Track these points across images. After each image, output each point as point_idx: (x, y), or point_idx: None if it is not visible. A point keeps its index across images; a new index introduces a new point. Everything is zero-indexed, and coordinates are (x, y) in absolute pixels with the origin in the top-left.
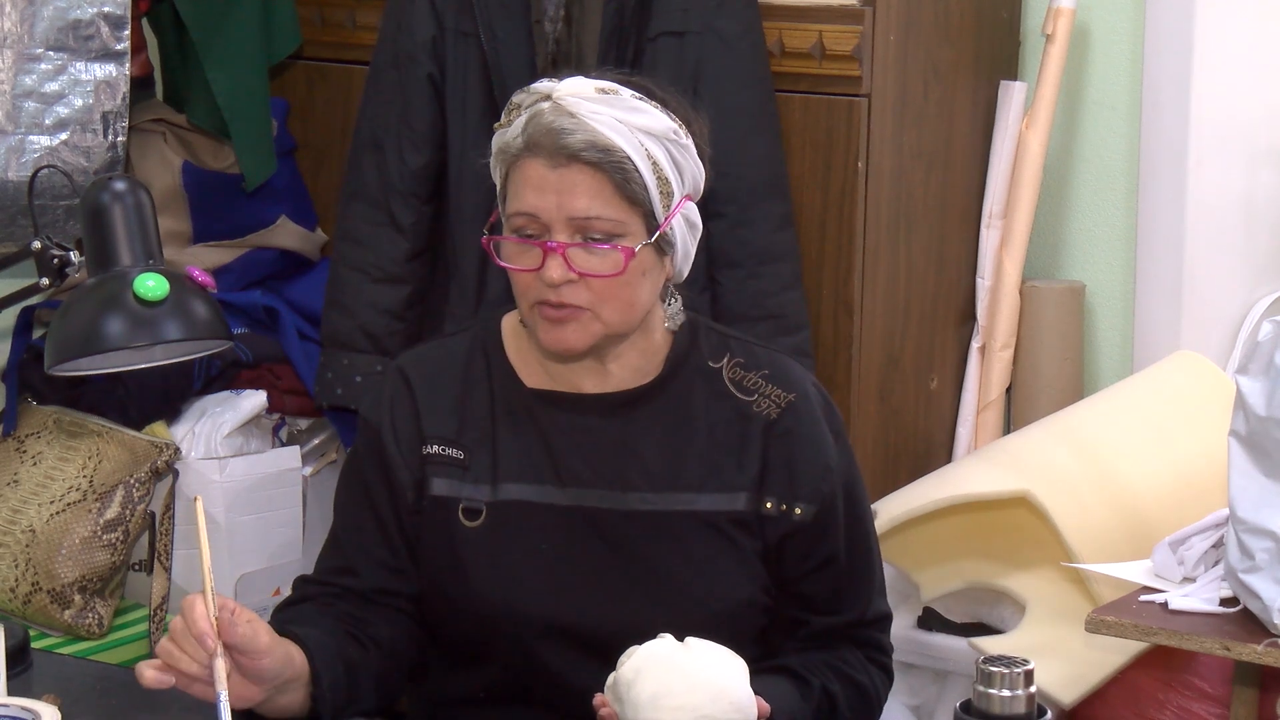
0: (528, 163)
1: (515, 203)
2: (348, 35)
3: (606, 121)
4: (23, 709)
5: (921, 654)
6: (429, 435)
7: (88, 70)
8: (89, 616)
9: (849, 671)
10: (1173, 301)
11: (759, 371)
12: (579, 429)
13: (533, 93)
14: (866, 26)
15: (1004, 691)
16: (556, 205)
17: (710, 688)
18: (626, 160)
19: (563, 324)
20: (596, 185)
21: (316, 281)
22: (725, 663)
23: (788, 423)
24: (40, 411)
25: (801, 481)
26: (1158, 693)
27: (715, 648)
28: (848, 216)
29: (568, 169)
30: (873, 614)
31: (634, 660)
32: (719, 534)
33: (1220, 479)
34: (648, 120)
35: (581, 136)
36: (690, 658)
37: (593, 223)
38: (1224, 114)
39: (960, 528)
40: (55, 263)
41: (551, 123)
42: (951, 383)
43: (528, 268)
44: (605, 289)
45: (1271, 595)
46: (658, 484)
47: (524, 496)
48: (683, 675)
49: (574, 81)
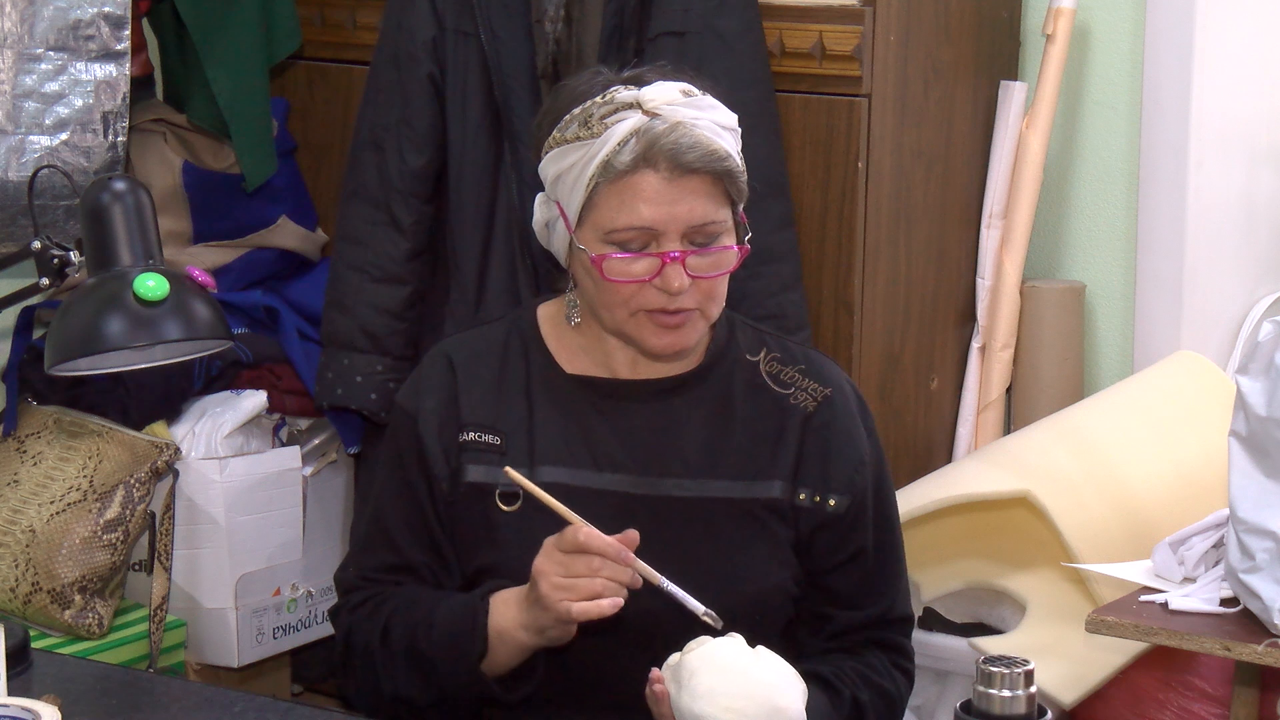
0: (641, 177)
1: (623, 216)
2: (348, 35)
3: (707, 127)
4: (23, 709)
5: (921, 654)
6: (466, 422)
7: (88, 70)
8: (89, 616)
9: (876, 679)
10: (1173, 301)
11: (795, 366)
12: (618, 414)
13: (613, 102)
14: (866, 26)
15: (1004, 691)
16: (672, 216)
17: (767, 702)
18: (733, 162)
19: (679, 328)
20: (713, 192)
21: (316, 281)
22: (787, 679)
23: (824, 416)
24: (40, 411)
25: (835, 474)
26: (1158, 693)
27: (781, 663)
28: (848, 216)
29: (686, 179)
30: (897, 614)
31: (703, 650)
32: (753, 520)
33: (1220, 479)
34: (724, 117)
35: (700, 149)
36: (757, 665)
37: (706, 228)
38: (1224, 114)
39: (960, 528)
40: (55, 263)
41: (670, 138)
42: (951, 383)
43: (640, 278)
44: (711, 288)
45: (1272, 595)
46: (695, 471)
47: (561, 480)
48: (744, 680)
49: (661, 88)
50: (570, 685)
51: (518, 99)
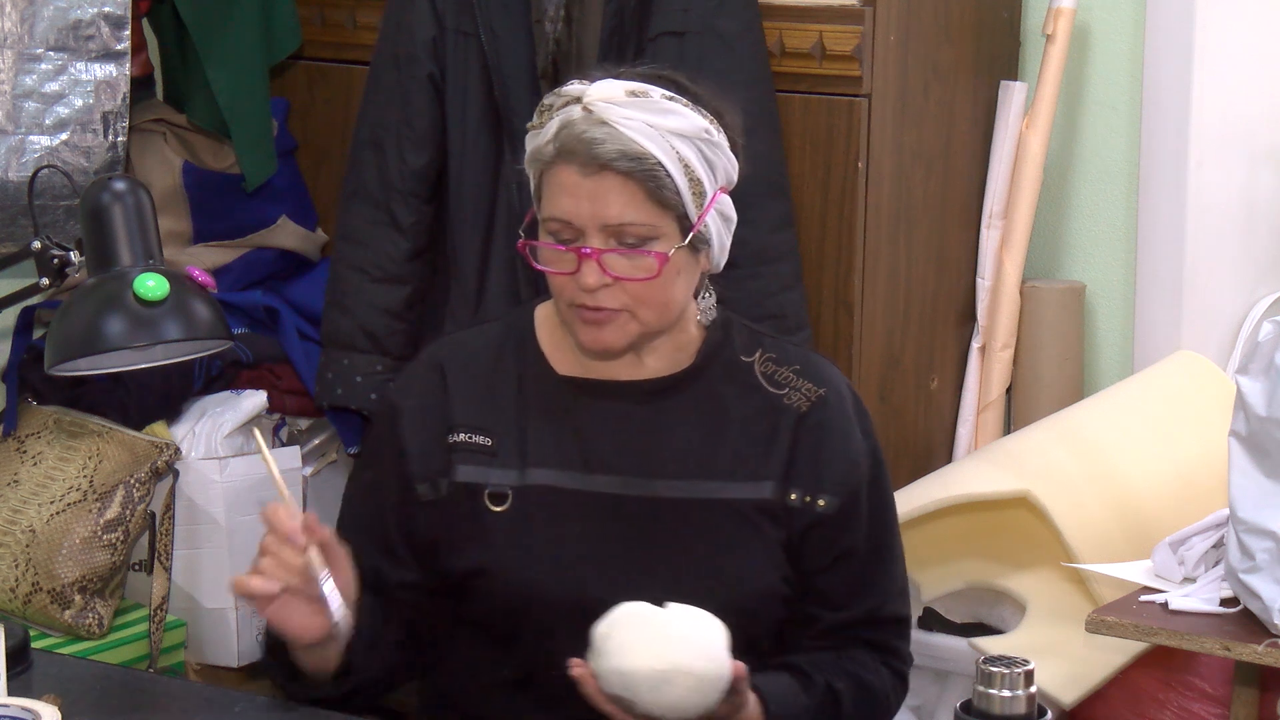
0: (560, 169)
1: (550, 207)
2: (348, 35)
3: (638, 127)
4: (23, 709)
5: (921, 654)
6: (457, 423)
7: (88, 70)
8: (89, 616)
9: (857, 670)
10: (1173, 301)
11: (791, 366)
12: (609, 416)
13: (564, 95)
14: (866, 26)
15: (1004, 692)
16: (590, 212)
17: (680, 637)
18: (658, 167)
19: (600, 325)
20: (629, 192)
21: (316, 281)
22: (700, 620)
23: (818, 416)
24: (40, 411)
25: (827, 474)
26: (1158, 693)
27: (692, 609)
28: (848, 216)
29: (600, 177)
30: (888, 614)
31: (610, 615)
32: (745, 521)
33: (1220, 479)
34: (679, 122)
35: (613, 146)
36: (665, 614)
37: (626, 228)
38: (1224, 114)
39: (960, 528)
40: (55, 263)
41: (584, 132)
42: (951, 383)
43: (564, 271)
44: (641, 291)
45: (1272, 595)
46: (686, 471)
47: (551, 481)
48: (653, 625)
49: (605, 85)
50: (547, 692)
51: (518, 99)
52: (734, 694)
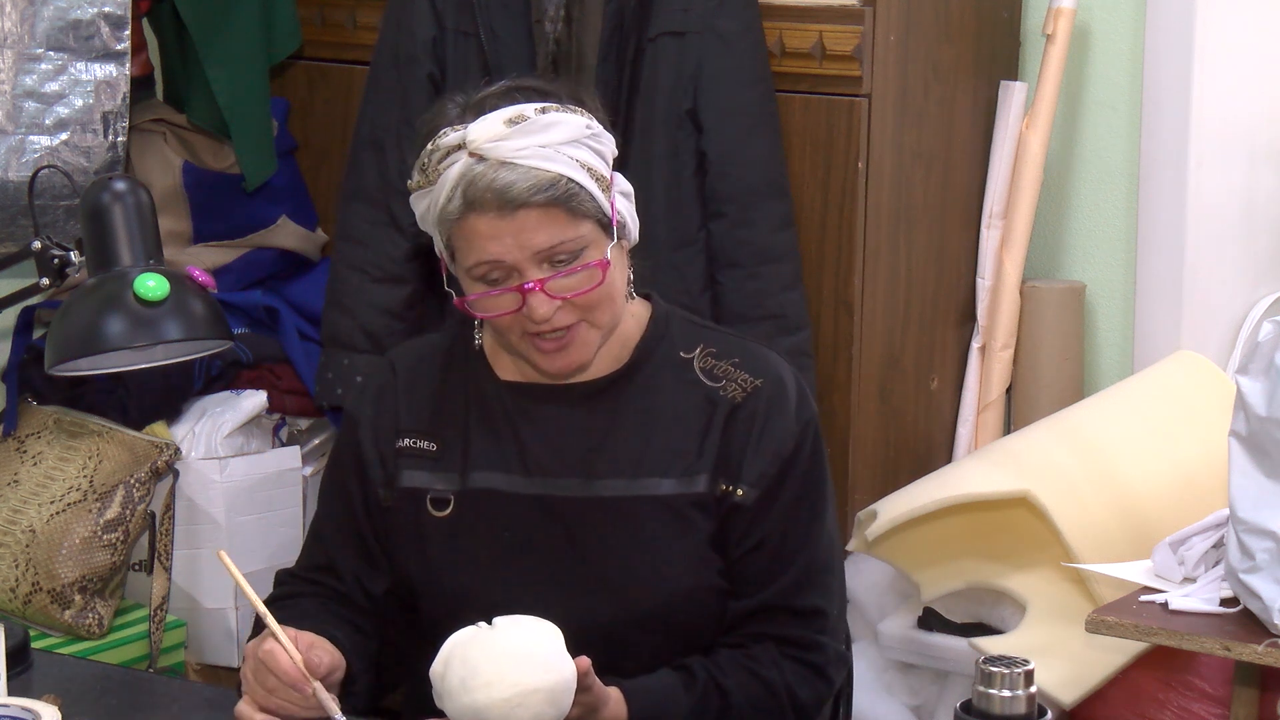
0: (473, 220)
1: (473, 255)
2: (348, 35)
3: (535, 154)
4: (23, 709)
5: (921, 654)
6: (404, 428)
7: (88, 70)
8: (89, 616)
9: (753, 667)
10: (1173, 301)
11: (730, 359)
12: (548, 419)
13: (440, 147)
14: (866, 26)
15: (1004, 691)
16: (517, 246)
17: (515, 655)
18: (570, 183)
19: (565, 348)
20: (550, 217)
21: (316, 281)
22: (529, 629)
23: (750, 407)
24: (40, 411)
25: (748, 464)
26: (1158, 693)
27: (521, 618)
28: (848, 216)
29: (518, 215)
30: (800, 606)
31: (440, 653)
32: (678, 518)
33: (1220, 479)
34: (563, 131)
35: (524, 184)
36: (491, 634)
37: (557, 249)
38: (1224, 114)
39: (960, 528)
40: (55, 263)
41: (491, 180)
42: (951, 383)
43: (508, 310)
44: (590, 300)
45: (1272, 595)
46: (624, 470)
47: (491, 486)
48: (485, 650)
49: (483, 124)
50: None
51: None
52: (583, 691)
